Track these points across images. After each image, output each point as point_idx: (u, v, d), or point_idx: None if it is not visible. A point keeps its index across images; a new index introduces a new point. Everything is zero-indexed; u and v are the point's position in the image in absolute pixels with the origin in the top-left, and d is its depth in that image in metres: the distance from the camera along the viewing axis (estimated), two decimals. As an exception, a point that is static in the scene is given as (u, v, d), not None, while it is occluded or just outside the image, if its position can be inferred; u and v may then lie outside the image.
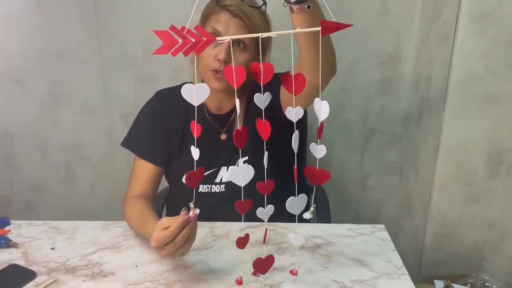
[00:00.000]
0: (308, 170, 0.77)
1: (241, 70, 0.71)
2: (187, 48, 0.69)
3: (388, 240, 1.05)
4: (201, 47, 0.69)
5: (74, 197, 1.74)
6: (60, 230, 1.06)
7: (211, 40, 0.69)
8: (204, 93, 0.74)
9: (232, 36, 0.71)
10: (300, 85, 0.72)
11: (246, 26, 1.03)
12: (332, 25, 0.67)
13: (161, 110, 1.17)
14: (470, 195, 1.44)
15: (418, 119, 1.57)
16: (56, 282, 0.87)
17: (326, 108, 0.71)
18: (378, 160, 1.72)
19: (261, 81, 0.71)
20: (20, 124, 1.65)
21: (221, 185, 1.16)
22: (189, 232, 0.82)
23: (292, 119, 0.73)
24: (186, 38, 0.69)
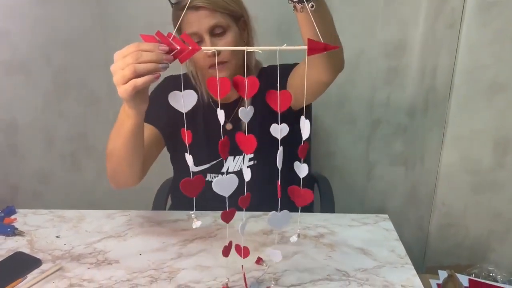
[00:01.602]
0: (291, 190, 0.75)
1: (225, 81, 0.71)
2: (174, 55, 0.71)
3: (392, 229, 1.05)
4: (186, 56, 0.70)
5: (80, 187, 1.75)
6: (65, 218, 1.07)
7: (196, 50, 0.70)
8: (192, 100, 0.74)
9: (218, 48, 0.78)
10: (285, 103, 0.71)
11: (215, 10, 1.01)
12: (319, 46, 0.66)
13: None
14: (475, 185, 1.43)
15: (424, 109, 1.56)
16: (61, 269, 0.88)
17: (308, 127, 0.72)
18: (383, 151, 1.71)
19: (245, 96, 0.71)
20: (26, 114, 1.66)
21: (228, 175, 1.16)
22: (154, 61, 0.73)
23: (277, 135, 0.73)
24: (171, 45, 0.71)
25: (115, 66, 0.75)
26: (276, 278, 0.87)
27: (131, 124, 0.89)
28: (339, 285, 0.85)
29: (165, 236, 1.00)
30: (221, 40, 1.03)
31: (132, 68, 0.73)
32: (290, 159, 0.97)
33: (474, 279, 1.33)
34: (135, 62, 0.73)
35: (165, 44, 0.71)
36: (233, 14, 1.04)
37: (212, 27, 1.01)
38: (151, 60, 0.72)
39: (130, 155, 0.96)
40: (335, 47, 0.66)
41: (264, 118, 1.14)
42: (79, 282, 0.85)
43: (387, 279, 0.87)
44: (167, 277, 0.87)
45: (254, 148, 0.75)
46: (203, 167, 1.17)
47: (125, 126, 0.91)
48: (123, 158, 0.96)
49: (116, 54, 0.76)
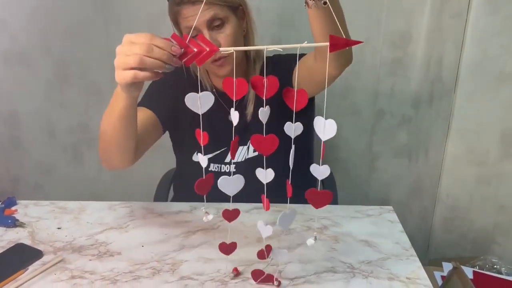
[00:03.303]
0: (309, 193, 0.73)
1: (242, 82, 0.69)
2: (188, 58, 0.69)
3: (396, 221, 1.04)
4: (204, 57, 0.68)
5: (82, 178, 1.74)
6: (67, 210, 1.06)
7: (214, 50, 0.67)
8: (209, 101, 0.72)
9: (236, 48, 0.68)
10: (302, 101, 0.69)
11: (211, 2, 0.98)
12: (340, 42, 0.64)
13: (174, 85, 1.15)
14: (481, 177, 1.41)
15: (429, 100, 1.54)
16: (63, 261, 0.87)
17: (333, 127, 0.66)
18: (387, 142, 1.69)
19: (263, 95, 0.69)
20: (27, 105, 1.65)
21: (231, 166, 1.14)
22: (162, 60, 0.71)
23: (290, 134, 0.71)
24: (188, 47, 0.69)
25: (121, 49, 0.73)
26: (280, 270, 0.86)
27: (123, 106, 0.87)
28: (344, 277, 0.84)
29: (167, 227, 1.00)
30: (220, 33, 1.01)
31: (139, 60, 0.70)
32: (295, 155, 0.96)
33: (478, 271, 1.32)
34: (143, 54, 0.70)
35: (182, 46, 0.69)
36: (230, 4, 1.02)
37: (210, 20, 0.99)
38: (160, 58, 0.70)
39: (121, 136, 0.94)
40: (357, 42, 0.65)
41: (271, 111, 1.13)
42: (80, 274, 0.84)
43: (392, 271, 0.86)
44: (170, 269, 0.86)
45: (275, 149, 0.73)
46: (206, 157, 1.15)
47: (116, 107, 0.88)
48: (114, 139, 0.94)
49: (126, 36, 0.73)
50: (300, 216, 1.04)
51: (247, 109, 1.12)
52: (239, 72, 1.13)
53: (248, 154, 1.14)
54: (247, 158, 1.14)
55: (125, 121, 0.91)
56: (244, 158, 1.14)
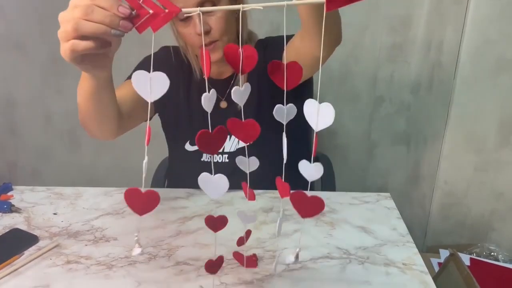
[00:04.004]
0: (296, 197, 0.59)
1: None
2: (142, 22, 0.54)
3: (394, 208, 1.03)
4: (161, 21, 0.53)
5: (79, 164, 1.74)
6: (63, 196, 1.06)
7: (175, 12, 0.53)
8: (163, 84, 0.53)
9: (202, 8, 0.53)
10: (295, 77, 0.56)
11: None
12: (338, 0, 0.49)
13: (166, 62, 1.12)
14: (479, 164, 1.41)
15: (429, 86, 1.53)
16: (59, 246, 0.87)
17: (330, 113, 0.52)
18: (386, 129, 1.69)
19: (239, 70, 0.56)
20: (23, 90, 1.64)
21: (224, 155, 1.12)
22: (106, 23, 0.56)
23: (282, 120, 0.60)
24: (141, 9, 0.53)
25: (63, 15, 0.59)
26: (276, 255, 0.86)
27: (89, 86, 0.79)
28: (339, 263, 0.84)
29: (163, 213, 0.99)
30: (211, 16, 0.96)
31: (74, 25, 0.56)
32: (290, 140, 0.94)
33: (475, 258, 1.32)
34: (82, 18, 0.56)
35: (134, 7, 0.54)
36: None
37: (201, 3, 0.93)
38: (102, 21, 0.55)
39: (95, 113, 0.88)
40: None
41: (262, 95, 1.12)
42: (76, 259, 0.84)
43: (388, 257, 0.86)
44: (166, 254, 0.86)
45: (257, 136, 0.62)
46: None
47: (83, 86, 0.80)
48: (89, 114, 0.88)
49: (71, 1, 0.58)
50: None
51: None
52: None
53: (239, 143, 1.11)
54: (238, 148, 1.11)
55: (95, 101, 0.83)
56: (236, 148, 1.12)
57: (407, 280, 0.80)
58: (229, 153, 1.12)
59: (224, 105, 1.13)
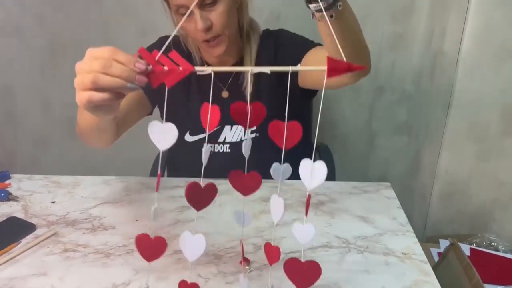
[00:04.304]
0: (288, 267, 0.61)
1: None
2: (157, 77, 0.58)
3: (394, 197, 1.03)
4: (175, 78, 0.57)
5: (78, 153, 1.73)
6: (61, 184, 1.05)
7: (189, 70, 0.57)
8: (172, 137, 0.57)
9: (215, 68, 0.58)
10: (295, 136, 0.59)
11: None
12: (341, 66, 0.51)
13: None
14: (480, 153, 1.40)
15: (430, 75, 1.51)
16: (56, 234, 0.86)
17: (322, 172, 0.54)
18: (386, 119, 1.67)
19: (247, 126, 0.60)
20: (21, 78, 1.63)
21: (225, 145, 1.12)
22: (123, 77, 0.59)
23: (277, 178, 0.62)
24: (157, 65, 0.57)
25: (81, 66, 0.61)
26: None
27: (92, 119, 0.82)
28: (339, 252, 0.83)
29: (162, 202, 0.99)
30: (213, 11, 0.94)
31: (93, 78, 0.58)
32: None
33: (475, 248, 1.32)
34: (100, 71, 0.59)
35: (150, 63, 0.57)
36: None
37: None
38: (119, 75, 0.58)
39: (95, 133, 0.92)
40: (362, 67, 0.52)
41: (270, 85, 1.11)
42: (73, 247, 0.83)
43: (387, 247, 0.85)
44: (164, 243, 0.85)
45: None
46: (199, 137, 1.13)
47: (86, 117, 0.82)
48: (88, 135, 0.92)
49: (89, 51, 0.62)
50: (298, 191, 1.03)
51: (244, 87, 1.09)
52: (234, 51, 1.09)
53: (244, 134, 1.10)
54: (243, 139, 1.11)
55: (97, 128, 0.87)
56: (240, 138, 1.11)
57: (406, 269, 0.79)
58: (230, 143, 1.11)
59: (225, 95, 1.12)
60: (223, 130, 1.12)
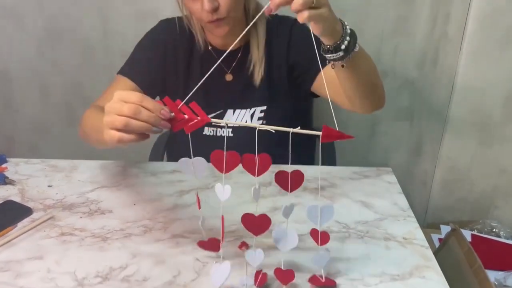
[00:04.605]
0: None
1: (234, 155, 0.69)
2: (177, 124, 0.68)
3: (395, 182, 1.01)
4: (194, 126, 0.67)
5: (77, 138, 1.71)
6: (58, 168, 1.04)
7: (206, 121, 0.68)
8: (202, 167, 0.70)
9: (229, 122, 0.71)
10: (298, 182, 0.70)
11: None
12: (334, 133, 0.65)
13: (164, 45, 1.10)
14: (483, 139, 1.38)
15: (434, 60, 1.48)
16: (53, 218, 0.86)
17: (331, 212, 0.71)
18: (388, 104, 1.63)
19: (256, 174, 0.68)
20: (19, 63, 1.61)
21: (228, 129, 1.10)
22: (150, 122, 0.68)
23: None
24: (179, 113, 0.67)
25: (111, 107, 0.68)
26: (273, 229, 0.84)
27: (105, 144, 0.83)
28: (338, 237, 0.83)
29: (160, 186, 0.98)
30: None
31: (124, 122, 0.67)
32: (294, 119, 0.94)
33: (476, 234, 1.31)
34: (131, 116, 0.66)
35: (173, 111, 0.67)
36: None
37: None
38: (147, 120, 0.67)
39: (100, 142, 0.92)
40: (350, 137, 0.64)
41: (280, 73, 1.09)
42: (70, 231, 0.82)
43: (388, 232, 0.84)
44: (162, 227, 0.85)
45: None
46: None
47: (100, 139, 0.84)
48: (93, 142, 0.97)
49: (118, 94, 0.69)
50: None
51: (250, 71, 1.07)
52: (239, 32, 1.07)
53: (251, 121, 1.09)
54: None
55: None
56: (245, 122, 1.09)
57: (407, 254, 0.78)
58: (233, 128, 1.10)
59: (229, 78, 1.10)
60: (225, 114, 1.10)
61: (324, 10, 0.69)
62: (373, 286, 0.71)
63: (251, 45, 1.06)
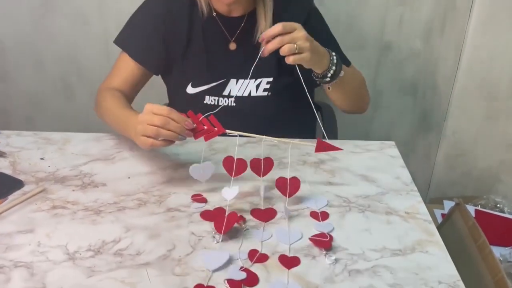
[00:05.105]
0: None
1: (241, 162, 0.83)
2: (198, 133, 0.82)
3: (398, 156, 0.98)
4: (211, 136, 0.82)
5: (73, 111, 1.69)
6: (51, 141, 1.01)
7: (221, 131, 0.82)
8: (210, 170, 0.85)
9: (242, 134, 0.82)
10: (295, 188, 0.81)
11: None
12: (326, 146, 0.83)
13: (163, 14, 1.05)
14: (490, 113, 1.34)
15: (440, 31, 1.43)
16: (45, 191, 0.83)
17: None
18: (392, 78, 1.61)
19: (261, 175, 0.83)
20: (12, 35, 1.56)
21: (230, 99, 1.07)
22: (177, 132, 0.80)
23: None
24: (199, 125, 0.82)
25: (143, 118, 0.81)
26: (273, 203, 0.82)
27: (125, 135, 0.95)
28: (339, 211, 0.80)
29: (156, 159, 0.95)
30: None
31: (156, 132, 0.79)
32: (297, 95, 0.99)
33: (480, 209, 1.29)
34: (161, 126, 0.79)
35: (195, 122, 0.81)
36: None
37: None
38: (175, 130, 0.79)
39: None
40: (339, 149, 0.84)
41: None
42: (62, 204, 0.80)
43: (390, 206, 0.82)
44: (157, 201, 0.82)
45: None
46: (201, 89, 1.07)
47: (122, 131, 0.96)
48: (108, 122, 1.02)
49: (148, 106, 0.81)
50: (296, 150, 0.99)
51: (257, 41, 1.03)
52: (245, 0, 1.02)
53: (257, 92, 1.06)
54: (253, 95, 1.06)
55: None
56: (249, 93, 1.06)
57: (409, 229, 0.76)
58: (236, 97, 1.07)
59: (233, 47, 1.07)
60: (228, 84, 1.07)
61: (306, 55, 0.85)
62: (373, 261, 0.68)
63: (257, 14, 1.03)
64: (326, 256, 0.69)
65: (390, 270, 0.67)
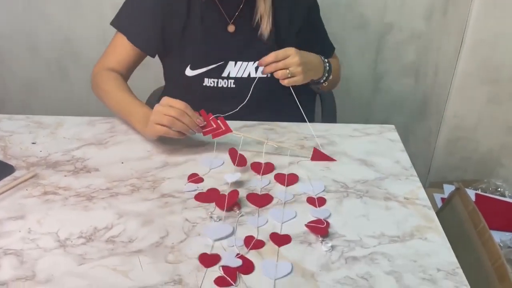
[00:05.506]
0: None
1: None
2: (206, 130, 0.87)
3: (397, 140, 0.96)
4: (218, 134, 0.87)
5: (69, 96, 1.66)
6: (43, 125, 0.99)
7: (228, 131, 0.87)
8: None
9: (246, 135, 0.88)
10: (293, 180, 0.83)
11: None
12: (321, 155, 0.89)
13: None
14: (492, 96, 1.32)
15: (443, 11, 1.40)
16: (36, 176, 0.81)
17: None
18: (393, 60, 1.58)
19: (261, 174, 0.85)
20: (6, 18, 1.53)
21: (229, 80, 1.05)
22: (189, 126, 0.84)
23: None
24: (209, 123, 0.87)
25: (160, 108, 0.84)
26: (269, 188, 0.80)
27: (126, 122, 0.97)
28: (336, 197, 0.78)
29: (150, 144, 0.93)
30: None
31: (171, 122, 0.83)
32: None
33: (481, 193, 1.27)
34: (177, 118, 0.83)
35: (205, 121, 0.87)
36: None
37: None
38: (188, 124, 0.84)
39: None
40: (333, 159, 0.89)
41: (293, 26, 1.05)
42: (54, 190, 0.78)
43: (389, 191, 0.80)
44: (150, 186, 0.80)
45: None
46: (199, 71, 1.05)
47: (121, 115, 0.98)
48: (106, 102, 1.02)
49: (165, 99, 0.85)
50: (294, 134, 0.97)
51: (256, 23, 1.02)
52: None
53: (256, 73, 1.04)
54: (253, 76, 1.04)
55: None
56: (248, 74, 1.04)
57: (408, 214, 0.74)
58: (235, 78, 1.05)
59: (231, 29, 1.05)
60: (226, 66, 1.04)
61: (298, 78, 0.91)
62: (371, 248, 0.67)
63: None
64: (323, 243, 0.67)
65: (387, 257, 0.65)
